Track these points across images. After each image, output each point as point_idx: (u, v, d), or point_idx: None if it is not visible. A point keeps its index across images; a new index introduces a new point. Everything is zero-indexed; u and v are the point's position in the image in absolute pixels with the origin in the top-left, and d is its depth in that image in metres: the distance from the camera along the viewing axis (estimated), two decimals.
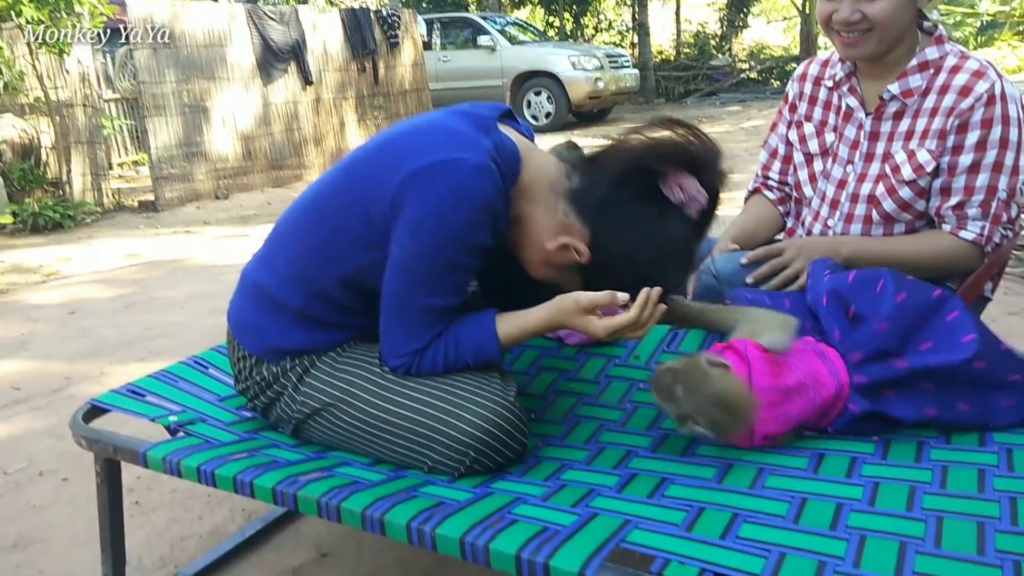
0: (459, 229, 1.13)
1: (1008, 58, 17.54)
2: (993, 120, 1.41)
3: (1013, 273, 3.22)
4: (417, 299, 1.17)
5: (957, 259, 1.48)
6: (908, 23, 1.46)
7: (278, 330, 1.29)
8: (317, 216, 1.25)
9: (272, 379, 1.31)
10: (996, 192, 1.44)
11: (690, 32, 18.61)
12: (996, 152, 1.42)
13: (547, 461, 1.23)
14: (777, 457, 1.17)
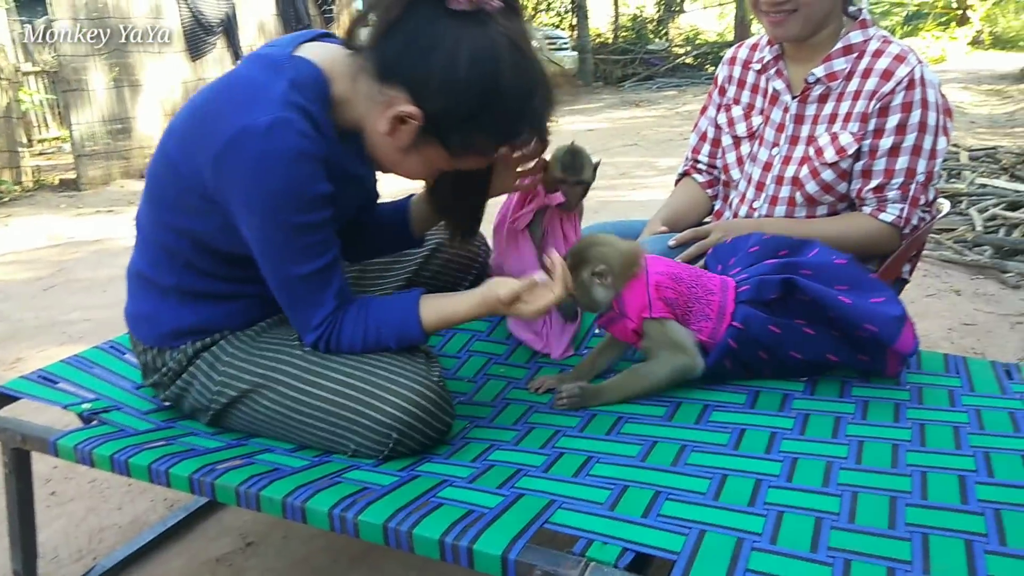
0: (284, 192, 1.07)
1: (932, 47, 18.16)
2: (913, 104, 1.45)
3: (931, 256, 3.34)
4: (289, 271, 1.14)
5: (877, 241, 1.52)
6: (832, 5, 1.49)
7: (167, 312, 1.26)
8: (156, 190, 1.22)
9: (178, 367, 1.27)
10: (915, 175, 1.47)
11: (628, 16, 18.69)
12: (915, 135, 1.46)
13: (475, 442, 1.22)
14: (699, 433, 1.18)
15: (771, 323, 1.28)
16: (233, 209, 1.12)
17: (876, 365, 1.30)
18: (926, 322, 2.68)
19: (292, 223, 1.10)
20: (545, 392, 1.36)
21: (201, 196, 1.14)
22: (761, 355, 1.31)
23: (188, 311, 1.25)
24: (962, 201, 4.01)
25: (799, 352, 1.29)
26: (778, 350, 1.30)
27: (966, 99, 10.07)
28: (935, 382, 1.31)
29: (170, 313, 1.26)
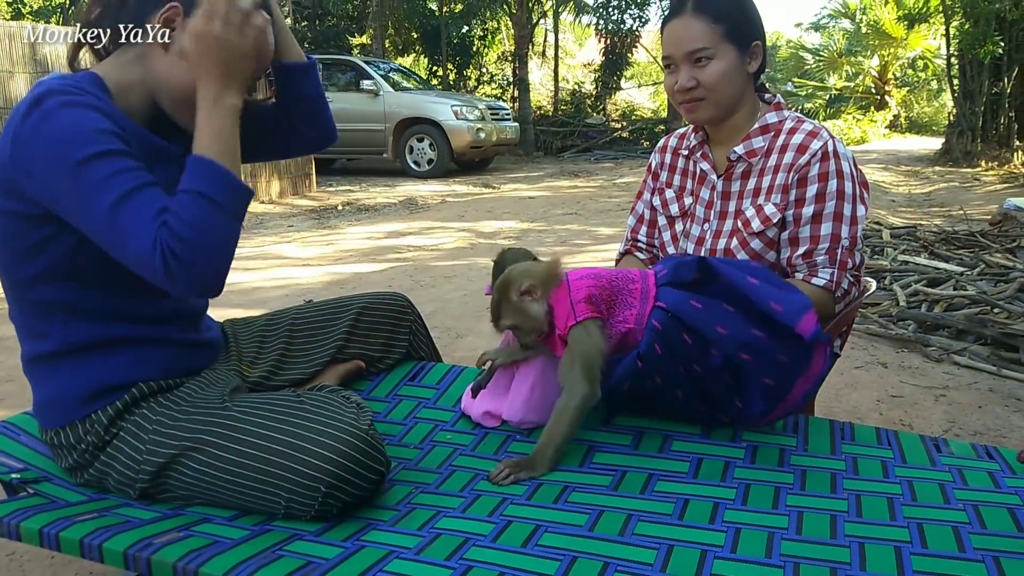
0: (64, 135, 1.07)
1: (853, 129, 19.22)
2: (829, 174, 1.55)
3: (858, 329, 3.48)
4: (102, 206, 1.07)
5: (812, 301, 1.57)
6: (740, 89, 1.61)
7: (68, 380, 1.24)
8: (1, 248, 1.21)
9: (98, 439, 1.23)
10: (840, 240, 1.55)
11: (567, 91, 19.30)
12: (835, 203, 1.55)
13: (421, 508, 1.20)
14: (647, 504, 1.19)
15: (692, 299, 1.33)
16: (43, 192, 1.10)
17: (783, 384, 1.34)
18: (856, 394, 2.78)
19: (84, 157, 1.07)
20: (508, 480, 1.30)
21: (30, 214, 1.14)
22: (686, 338, 1.32)
23: (89, 370, 1.23)
24: (886, 277, 4.21)
25: (724, 327, 1.31)
26: (703, 329, 1.31)
27: (886, 179, 10.64)
28: (869, 453, 1.36)
29: (72, 379, 1.23)
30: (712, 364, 1.33)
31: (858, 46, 22.53)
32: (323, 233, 6.61)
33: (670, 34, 1.60)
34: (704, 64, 1.56)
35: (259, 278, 4.74)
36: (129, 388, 1.25)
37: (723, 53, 1.56)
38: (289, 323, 1.61)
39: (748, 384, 1.35)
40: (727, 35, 1.56)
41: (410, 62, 18.78)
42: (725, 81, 1.57)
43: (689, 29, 1.56)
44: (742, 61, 1.58)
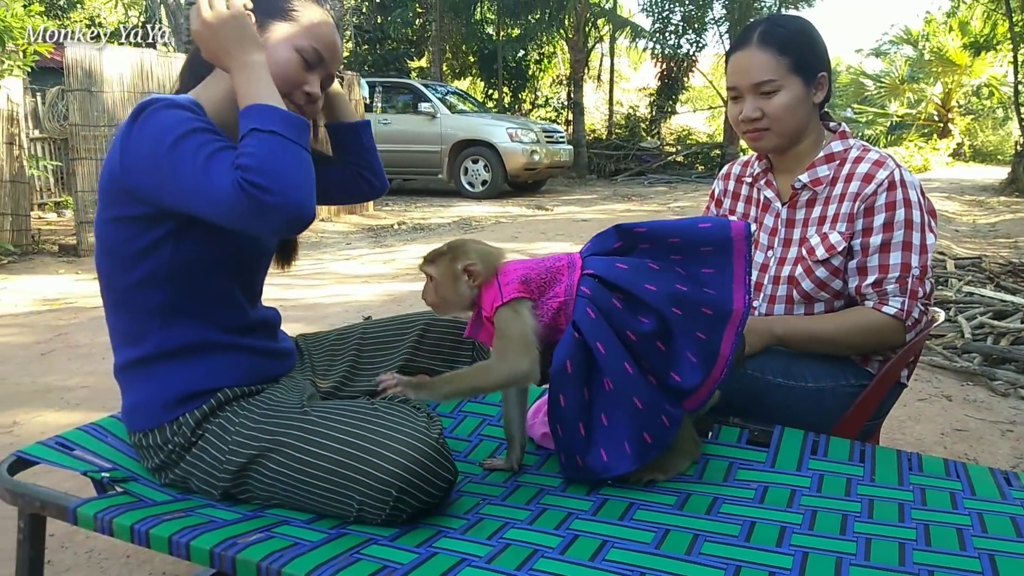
0: (163, 126, 1.17)
1: (915, 157, 18.82)
2: (896, 203, 1.54)
3: (922, 361, 3.41)
4: (197, 164, 1.14)
5: (881, 333, 1.57)
6: (805, 119, 1.63)
7: (159, 384, 1.32)
8: (107, 244, 1.30)
9: (184, 440, 1.30)
10: (910, 269, 1.55)
11: (622, 114, 19.36)
12: (903, 232, 1.54)
13: (489, 519, 1.24)
14: (712, 524, 1.21)
15: (618, 262, 1.33)
16: (149, 183, 1.20)
17: (713, 337, 1.30)
18: (919, 426, 2.73)
19: (179, 134, 1.16)
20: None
21: (140, 216, 1.24)
22: (616, 303, 1.29)
23: (180, 375, 1.31)
24: (950, 308, 4.12)
25: (651, 284, 1.29)
26: (631, 288, 1.29)
27: (950, 208, 10.40)
28: (937, 484, 1.35)
29: (163, 383, 1.31)
30: (644, 330, 1.28)
31: (920, 73, 22.12)
32: (380, 251, 6.74)
33: (736, 65, 1.63)
34: (770, 95, 1.59)
35: (319, 294, 4.86)
36: (215, 393, 1.32)
37: (789, 85, 1.58)
38: (358, 338, 1.66)
39: (681, 346, 1.29)
40: (793, 67, 1.58)
41: (467, 85, 19.07)
42: (790, 112, 1.60)
43: (755, 61, 1.59)
44: (808, 92, 1.60)
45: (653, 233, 1.36)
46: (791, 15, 1.72)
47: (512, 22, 17.06)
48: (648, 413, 1.28)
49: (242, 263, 1.39)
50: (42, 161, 8.54)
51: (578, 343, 1.29)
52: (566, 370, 1.29)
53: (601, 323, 1.29)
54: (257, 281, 1.48)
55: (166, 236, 1.26)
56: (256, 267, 1.45)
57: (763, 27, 1.62)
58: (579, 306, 1.31)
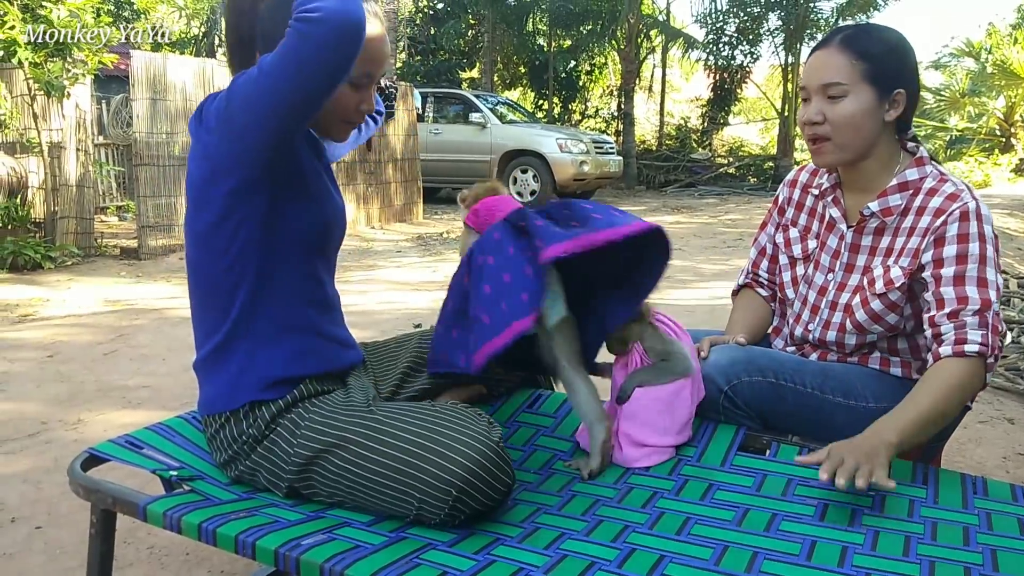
0: (246, 81, 1.23)
1: (975, 172, 18.32)
2: (970, 236, 1.46)
3: None
4: (267, 61, 1.21)
5: (969, 380, 1.43)
6: (871, 135, 1.53)
7: (239, 367, 1.37)
8: (195, 197, 1.34)
9: (258, 432, 1.35)
10: (991, 305, 1.44)
11: (673, 125, 19.24)
12: (978, 267, 1.45)
13: (546, 528, 1.25)
14: (772, 542, 1.20)
15: (537, 217, 1.36)
16: (246, 121, 1.23)
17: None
18: (981, 449, 2.66)
19: (262, 69, 1.22)
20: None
21: (236, 188, 1.29)
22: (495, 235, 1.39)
23: (264, 357, 1.36)
24: (1013, 329, 4.00)
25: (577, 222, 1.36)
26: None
27: (1012, 225, 10.09)
28: (1004, 509, 1.31)
29: (246, 365, 1.36)
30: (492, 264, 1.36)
31: (982, 86, 21.51)
32: (429, 259, 6.81)
33: (810, 64, 1.57)
34: (836, 100, 1.52)
35: (371, 301, 4.93)
36: (297, 384, 1.37)
37: (859, 92, 1.51)
38: (416, 345, 1.69)
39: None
40: (867, 74, 1.50)
41: (517, 95, 19.17)
42: (854, 123, 1.52)
43: (829, 61, 1.53)
44: (879, 106, 1.52)
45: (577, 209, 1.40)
46: (885, 25, 1.62)
47: (564, 33, 17.10)
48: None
49: (324, 235, 1.43)
50: (106, 166, 8.83)
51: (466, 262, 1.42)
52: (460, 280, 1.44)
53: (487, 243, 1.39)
54: (334, 256, 1.53)
55: (256, 210, 1.30)
56: (335, 240, 1.50)
57: (850, 31, 1.55)
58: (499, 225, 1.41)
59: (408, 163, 9.68)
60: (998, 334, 1.46)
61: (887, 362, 1.61)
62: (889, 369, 1.61)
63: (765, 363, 1.58)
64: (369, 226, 8.91)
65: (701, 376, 1.56)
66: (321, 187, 1.42)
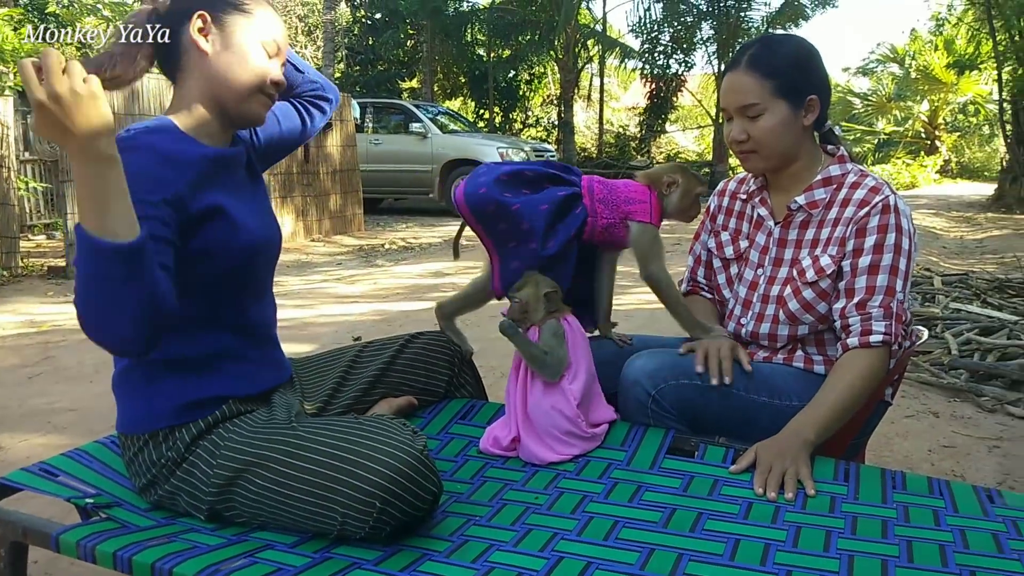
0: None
1: (903, 174, 18.98)
2: (888, 227, 1.54)
3: (909, 377, 3.43)
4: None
5: (875, 369, 1.51)
6: (794, 142, 1.63)
7: (156, 393, 1.33)
8: None
9: (177, 455, 1.31)
10: (895, 294, 1.53)
11: (612, 133, 19.50)
12: (892, 256, 1.54)
13: (474, 541, 1.24)
14: (698, 543, 1.21)
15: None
16: None
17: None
18: (907, 443, 2.74)
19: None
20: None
21: None
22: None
23: (182, 382, 1.32)
24: (937, 325, 4.14)
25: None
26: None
27: (937, 224, 10.48)
28: (920, 502, 1.35)
29: (165, 390, 1.32)
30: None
31: (907, 91, 22.35)
32: (370, 271, 6.75)
33: (725, 87, 1.65)
34: (755, 118, 1.60)
35: (309, 314, 4.86)
36: (217, 405, 1.34)
37: (773, 108, 1.58)
38: (348, 361, 1.67)
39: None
40: (777, 90, 1.58)
41: (458, 105, 19.18)
42: (775, 136, 1.60)
43: (741, 83, 1.60)
44: (795, 115, 1.60)
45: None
46: (787, 36, 1.70)
47: (502, 43, 17.18)
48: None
49: (246, 264, 1.39)
50: (32, 183, 8.52)
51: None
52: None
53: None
54: (266, 276, 1.49)
55: (165, 257, 1.21)
56: (261, 265, 1.45)
57: (753, 49, 1.63)
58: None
59: (347, 174, 9.58)
60: (901, 323, 1.55)
61: (810, 360, 1.65)
62: (812, 368, 1.65)
63: (690, 366, 1.61)
64: (309, 239, 8.79)
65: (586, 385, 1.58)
66: (241, 218, 1.35)
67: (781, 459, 1.43)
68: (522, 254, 1.64)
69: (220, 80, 1.34)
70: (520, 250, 1.65)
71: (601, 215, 1.66)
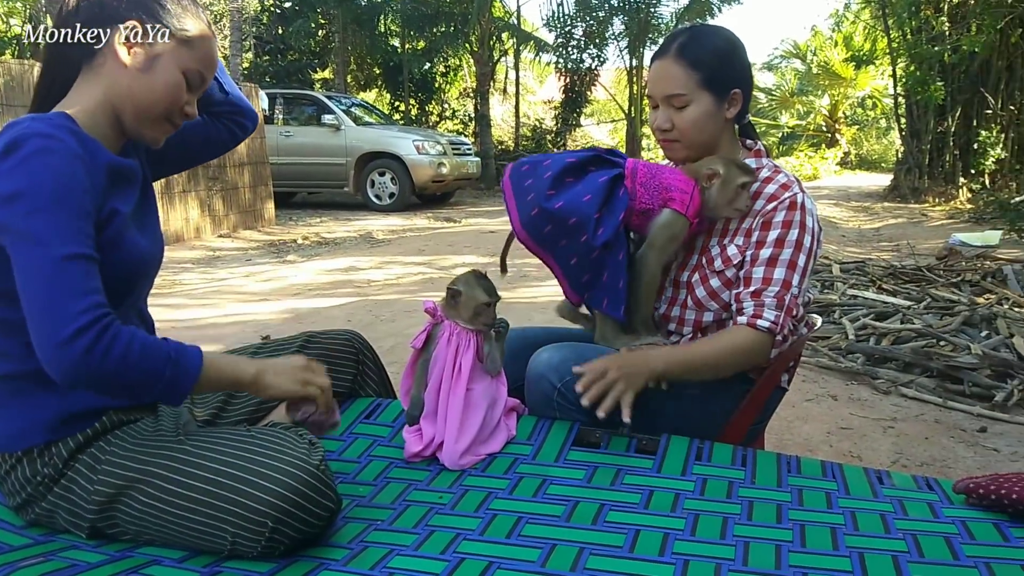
0: (44, 180, 1.09)
1: (805, 166, 19.73)
2: (793, 224, 1.58)
3: (809, 362, 3.56)
4: (56, 253, 1.07)
5: (752, 348, 1.56)
6: (715, 133, 1.65)
7: (27, 407, 1.23)
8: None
9: (55, 471, 1.22)
10: (790, 287, 1.57)
11: (528, 126, 19.58)
12: (792, 252, 1.57)
13: (374, 547, 1.20)
14: (598, 535, 1.21)
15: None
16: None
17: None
18: (807, 426, 2.84)
19: (53, 202, 1.09)
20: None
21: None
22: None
23: (56, 392, 1.22)
24: (835, 311, 4.32)
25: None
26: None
27: (837, 214, 10.94)
28: (814, 485, 1.39)
29: (37, 404, 1.23)
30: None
31: (809, 86, 23.27)
32: (281, 267, 6.57)
33: (653, 74, 1.66)
34: (680, 108, 1.61)
35: (215, 314, 4.69)
36: (97, 416, 1.25)
37: (698, 99, 1.60)
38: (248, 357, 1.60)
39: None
40: (704, 82, 1.60)
41: (373, 97, 18.88)
42: (698, 126, 1.62)
43: (669, 72, 1.62)
44: (718, 108, 1.62)
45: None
46: (715, 27, 1.72)
47: (417, 35, 16.99)
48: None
49: (125, 285, 1.29)
50: None
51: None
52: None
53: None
54: (145, 289, 1.40)
55: None
56: (141, 283, 1.36)
57: (682, 39, 1.64)
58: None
59: (256, 167, 9.30)
60: (791, 315, 1.59)
61: None
62: None
63: (594, 358, 1.61)
64: (216, 234, 8.50)
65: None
66: (133, 233, 1.27)
67: (617, 373, 1.49)
68: (578, 250, 1.59)
69: (128, 98, 1.24)
70: (573, 247, 1.59)
71: (640, 199, 1.60)
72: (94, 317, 1.08)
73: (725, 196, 1.59)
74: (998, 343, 3.57)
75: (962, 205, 11.35)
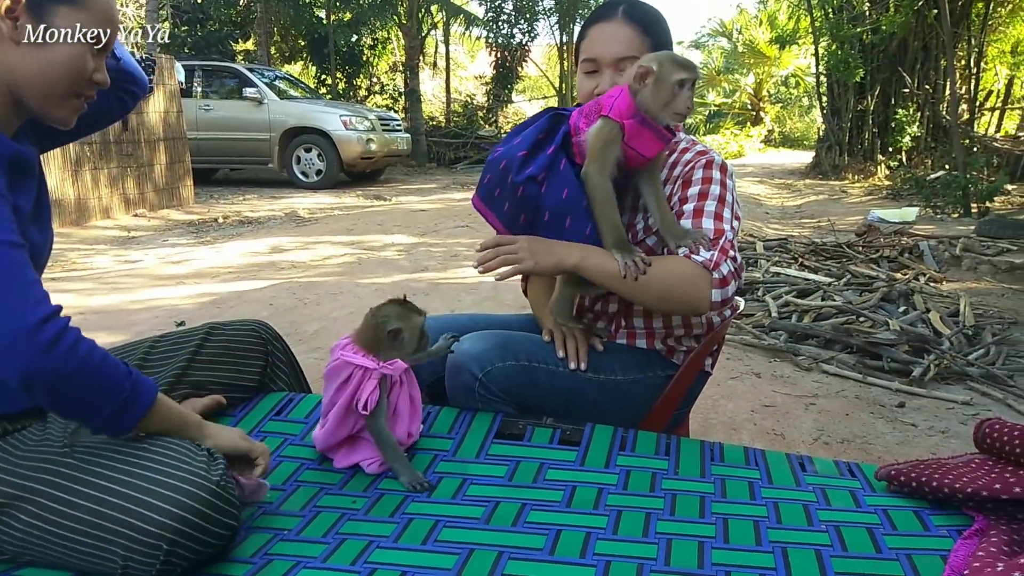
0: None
1: (730, 143, 20.09)
2: (713, 179, 1.52)
3: (733, 340, 3.59)
4: (2, 238, 1.01)
5: (685, 280, 1.43)
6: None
7: None
8: None
9: None
10: (724, 234, 1.46)
11: (459, 102, 19.34)
12: (716, 205, 1.49)
13: (279, 559, 1.12)
14: (518, 538, 1.16)
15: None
16: None
17: None
18: (731, 404, 2.86)
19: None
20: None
21: None
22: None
23: None
24: (759, 288, 4.38)
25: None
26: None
27: (761, 191, 11.16)
28: (737, 474, 1.37)
29: None
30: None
31: (735, 64, 23.64)
32: (200, 248, 6.32)
33: (599, 35, 1.58)
34: (623, 72, 1.54)
35: (126, 299, 4.47)
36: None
37: None
38: (137, 361, 1.49)
39: None
40: (651, 48, 1.55)
41: (298, 70, 18.35)
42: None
43: (619, 34, 1.56)
44: None
45: None
46: (645, 2, 1.66)
47: (343, 6, 16.52)
48: None
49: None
50: None
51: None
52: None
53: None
54: None
55: None
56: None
57: (625, 5, 1.58)
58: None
59: (173, 143, 8.91)
60: (728, 256, 1.44)
61: (633, 335, 1.65)
62: (635, 342, 1.65)
63: (518, 347, 1.56)
64: (131, 213, 8.11)
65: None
66: (25, 227, 1.14)
67: (530, 247, 1.46)
68: (507, 192, 1.50)
69: (27, 78, 1.11)
70: (505, 192, 1.51)
71: (582, 129, 1.48)
72: (56, 308, 1.02)
73: (661, 96, 1.41)
74: (915, 318, 3.67)
75: (880, 182, 11.72)
